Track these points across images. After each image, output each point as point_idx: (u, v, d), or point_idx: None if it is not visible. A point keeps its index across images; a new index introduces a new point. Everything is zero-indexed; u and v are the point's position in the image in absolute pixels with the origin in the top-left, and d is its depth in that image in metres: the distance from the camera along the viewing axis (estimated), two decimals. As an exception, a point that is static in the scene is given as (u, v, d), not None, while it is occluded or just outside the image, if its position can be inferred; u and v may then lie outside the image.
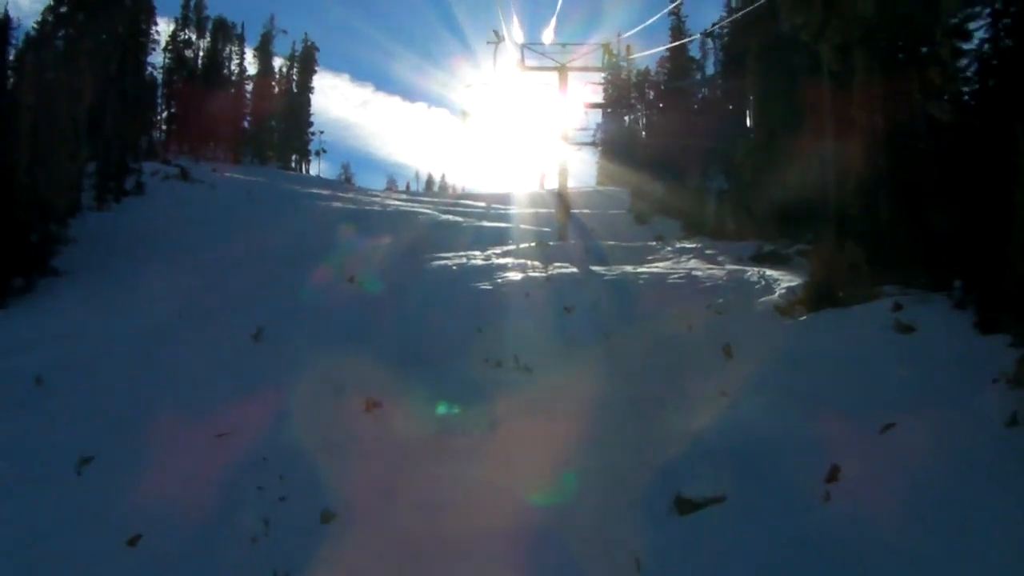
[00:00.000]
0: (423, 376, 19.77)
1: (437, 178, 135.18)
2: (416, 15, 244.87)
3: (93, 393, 21.40)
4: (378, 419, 17.97)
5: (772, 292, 22.22)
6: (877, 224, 20.73)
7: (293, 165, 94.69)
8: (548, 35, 41.63)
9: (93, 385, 22.01)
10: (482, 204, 66.77)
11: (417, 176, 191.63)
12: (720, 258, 32.22)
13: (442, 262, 33.74)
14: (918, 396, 13.30)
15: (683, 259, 32.75)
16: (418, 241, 41.30)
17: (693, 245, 36.47)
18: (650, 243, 38.28)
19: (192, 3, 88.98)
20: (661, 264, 31.41)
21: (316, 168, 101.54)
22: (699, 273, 26.53)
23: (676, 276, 26.27)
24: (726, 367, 17.31)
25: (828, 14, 29.29)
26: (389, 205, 58.44)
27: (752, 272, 25.79)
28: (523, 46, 41.12)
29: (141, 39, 74.63)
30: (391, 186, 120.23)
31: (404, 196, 74.90)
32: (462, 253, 36.19)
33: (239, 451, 16.99)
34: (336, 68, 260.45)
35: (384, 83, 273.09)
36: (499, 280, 28.13)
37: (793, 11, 30.36)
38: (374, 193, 73.73)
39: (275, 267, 34.46)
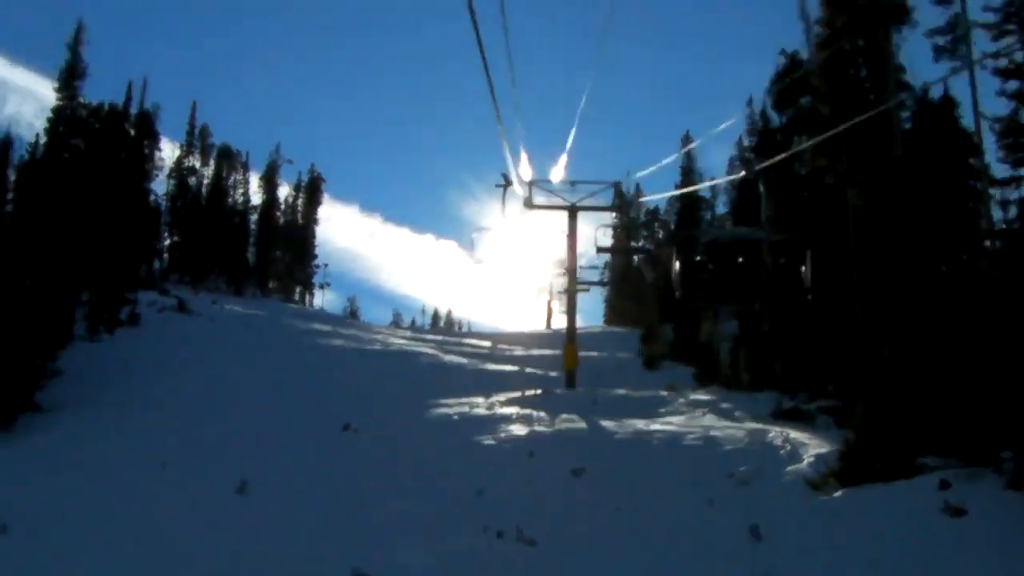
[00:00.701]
0: (417, 546, 17.85)
1: (444, 312, 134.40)
2: (426, 148, 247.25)
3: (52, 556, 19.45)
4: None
5: (799, 459, 20.40)
6: (913, 386, 19.07)
7: (297, 298, 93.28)
8: (557, 174, 40.50)
9: (53, 546, 20.07)
10: (487, 344, 65.45)
11: (423, 311, 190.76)
12: (737, 414, 30.38)
13: (443, 410, 32.09)
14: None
15: (697, 413, 30.91)
16: (419, 384, 39.67)
17: (707, 397, 34.63)
18: (661, 393, 36.44)
19: (197, 130, 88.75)
20: (675, 419, 29.58)
21: (320, 300, 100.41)
22: (717, 433, 24.68)
23: (693, 437, 24.40)
24: (756, 554, 15.36)
25: (856, 158, 28.22)
26: (391, 344, 56.95)
27: (775, 433, 23.98)
28: (531, 183, 40.01)
29: (146, 165, 74.32)
30: (396, 320, 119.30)
31: (408, 334, 73.41)
32: (464, 400, 34.54)
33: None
34: (345, 198, 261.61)
35: (393, 214, 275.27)
36: (502, 435, 26.42)
37: (818, 155, 29.27)
38: (377, 329, 72.29)
39: (268, 412, 32.74)
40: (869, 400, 19.16)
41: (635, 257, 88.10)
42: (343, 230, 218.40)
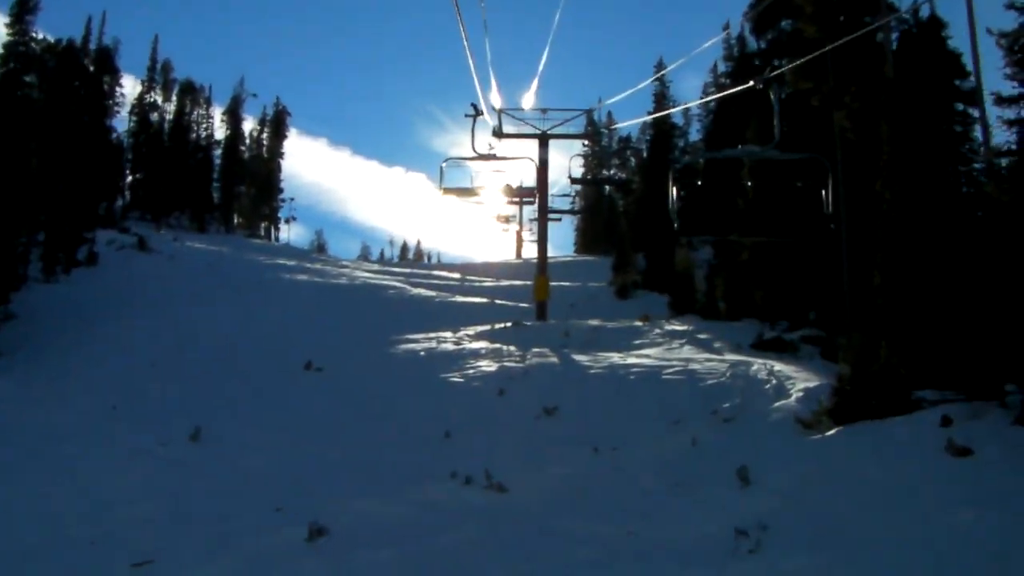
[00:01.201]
0: (381, 495, 16.53)
1: (412, 244, 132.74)
2: (396, 81, 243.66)
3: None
4: (321, 554, 14.58)
5: (787, 394, 19.16)
6: (908, 315, 17.82)
7: (262, 233, 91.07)
8: (528, 103, 39.00)
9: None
10: (456, 276, 64.04)
11: (391, 243, 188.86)
12: (716, 345, 29.17)
13: (409, 346, 30.73)
14: (992, 542, 10.35)
15: (675, 344, 29.68)
16: (385, 319, 38.28)
17: (683, 327, 33.37)
18: (636, 323, 35.21)
19: (159, 65, 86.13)
20: (652, 352, 28.35)
21: (286, 235, 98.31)
22: (697, 367, 23.42)
23: (671, 370, 23.13)
24: (744, 499, 14.08)
25: (843, 80, 26.81)
26: (357, 278, 55.32)
27: (758, 366, 22.76)
28: (501, 112, 38.37)
29: (106, 102, 71.92)
30: (365, 253, 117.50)
31: (375, 267, 71.85)
32: (432, 335, 33.18)
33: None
34: (313, 132, 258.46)
35: (361, 147, 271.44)
36: (471, 371, 25.14)
37: (801, 77, 27.81)
38: (343, 263, 70.66)
39: (227, 351, 31.24)
40: (862, 331, 17.84)
41: (606, 187, 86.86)
42: (311, 164, 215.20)
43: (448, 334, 33.48)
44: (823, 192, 15.84)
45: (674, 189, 16.02)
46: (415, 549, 13.96)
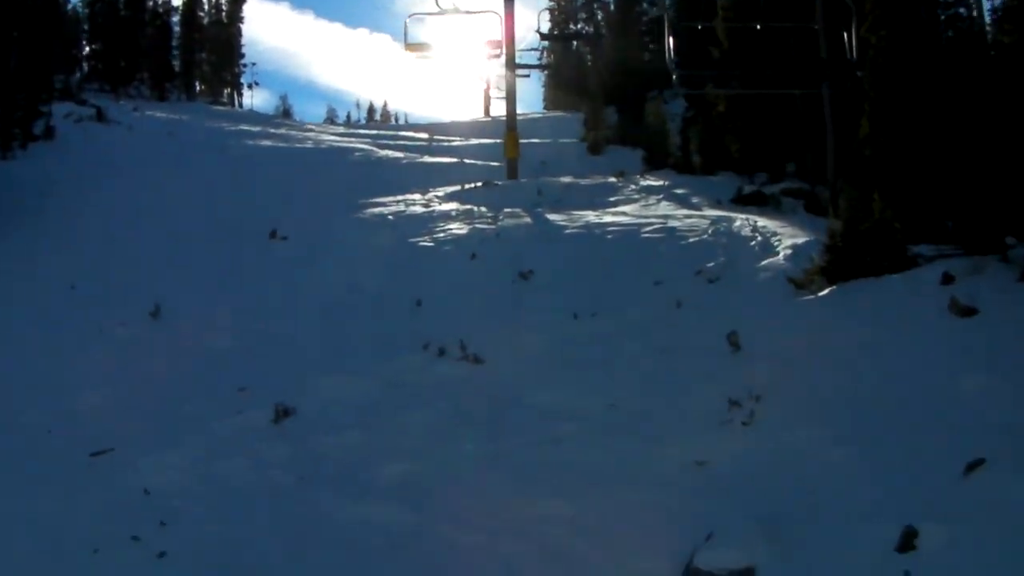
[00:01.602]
0: (350, 371, 15.72)
1: (379, 106, 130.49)
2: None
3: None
4: (287, 436, 13.74)
5: (774, 252, 18.24)
6: (899, 166, 16.87)
7: (225, 100, 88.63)
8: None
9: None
10: (424, 136, 62.53)
11: (358, 105, 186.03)
12: (694, 200, 28.19)
13: (377, 209, 29.66)
14: (1004, 413, 9.61)
15: (652, 201, 28.68)
16: (352, 183, 37.08)
17: (659, 182, 32.31)
18: (610, 179, 34.10)
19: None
20: (628, 209, 27.39)
21: (250, 101, 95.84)
22: (677, 223, 22.41)
23: (651, 229, 22.09)
24: (734, 365, 13.27)
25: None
26: (323, 141, 53.79)
27: (740, 221, 21.81)
28: (465, -43, 36.80)
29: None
30: (331, 116, 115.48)
31: (341, 130, 69.96)
32: (400, 197, 32.07)
33: (116, 483, 12.65)
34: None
35: (324, 10, 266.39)
36: (441, 234, 24.13)
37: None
38: (309, 127, 68.78)
39: (189, 222, 30.11)
40: (852, 183, 16.85)
41: (574, 42, 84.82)
42: (274, 30, 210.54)
43: (417, 196, 32.42)
44: (845, 35, 14.57)
45: (671, 39, 14.37)
46: (386, 428, 13.26)
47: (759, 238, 19.63)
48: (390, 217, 27.92)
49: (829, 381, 11.66)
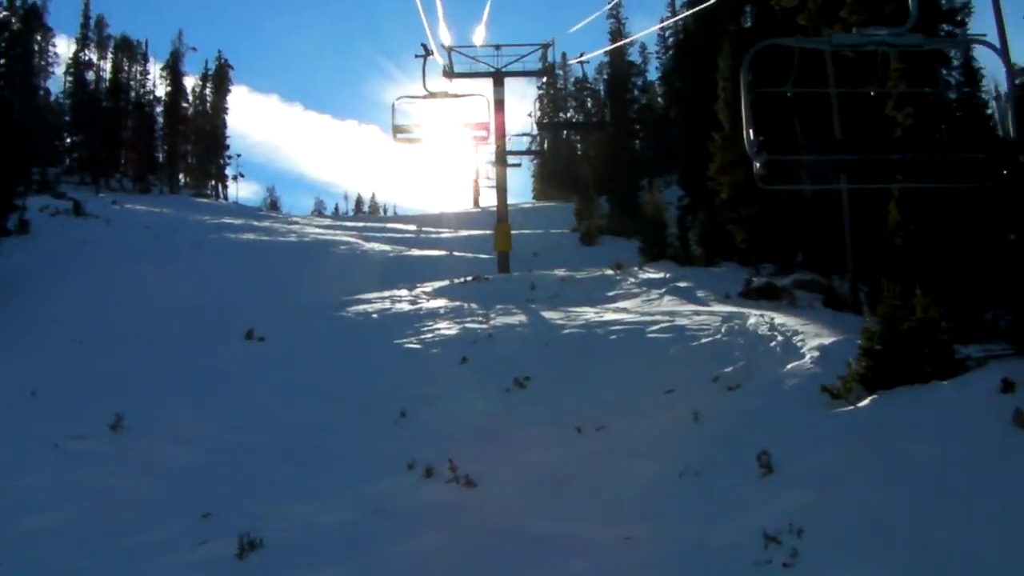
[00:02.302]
0: (328, 496, 13.81)
1: (367, 197, 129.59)
2: (345, 33, 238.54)
3: None
4: (253, 573, 11.81)
5: (798, 354, 16.35)
6: (937, 257, 15.20)
7: (209, 192, 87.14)
8: (480, 37, 36.35)
9: None
10: (412, 228, 61.42)
11: (346, 197, 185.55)
12: (700, 294, 26.46)
13: (361, 307, 28.01)
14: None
15: (654, 296, 26.97)
16: (336, 278, 35.51)
17: (660, 275, 30.62)
18: (607, 272, 32.46)
19: (92, 21, 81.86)
20: (629, 304, 25.67)
21: (235, 193, 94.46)
22: (686, 321, 20.60)
23: (658, 328, 20.26)
24: (767, 491, 11.36)
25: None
26: (308, 235, 52.30)
27: (756, 319, 19.98)
28: (451, 49, 35.56)
29: (35, 61, 68.26)
30: (319, 209, 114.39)
31: (327, 222, 68.66)
32: (386, 293, 30.51)
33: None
34: (264, 88, 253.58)
35: (312, 101, 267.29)
36: (429, 335, 22.37)
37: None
38: (294, 220, 67.50)
39: (161, 322, 28.46)
40: (878, 273, 15.05)
41: (564, 131, 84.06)
42: (263, 122, 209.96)
43: (404, 292, 30.84)
44: (997, 103, 12.72)
45: (748, 112, 8.49)
46: (367, 565, 11.34)
47: (779, 337, 17.79)
48: (374, 316, 26.24)
49: (881, 508, 9.80)
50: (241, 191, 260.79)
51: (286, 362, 21.98)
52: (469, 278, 32.24)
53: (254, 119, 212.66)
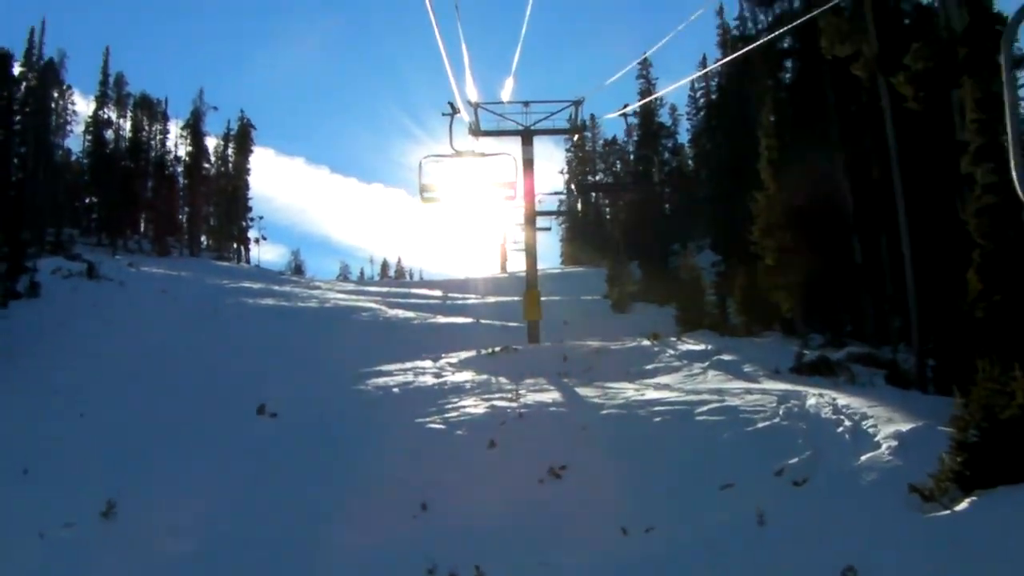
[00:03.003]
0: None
1: (393, 262, 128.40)
2: (372, 96, 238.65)
3: None
4: None
5: (871, 443, 14.26)
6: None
7: (230, 255, 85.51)
8: (508, 94, 34.75)
9: None
10: (438, 293, 59.76)
11: (371, 261, 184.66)
12: (747, 368, 24.44)
13: (382, 380, 26.27)
14: None
15: (697, 370, 24.97)
16: (357, 347, 33.82)
17: (700, 346, 28.60)
18: (643, 343, 30.47)
19: (112, 79, 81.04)
20: (671, 380, 23.73)
21: (257, 256, 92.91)
22: (737, 401, 18.48)
23: (706, 408, 18.03)
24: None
25: (890, 41, 22.33)
26: (329, 300, 50.64)
27: (815, 398, 17.95)
28: (478, 106, 34.05)
29: (58, 119, 67.42)
30: (344, 273, 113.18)
31: (351, 287, 67.04)
32: (409, 365, 28.77)
33: None
34: (290, 151, 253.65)
35: (339, 164, 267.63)
36: (453, 413, 20.46)
37: (838, 38, 23.25)
38: (317, 284, 65.99)
39: (167, 395, 26.93)
40: (981, 355, 13.06)
41: (592, 194, 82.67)
42: (289, 184, 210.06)
43: (428, 363, 29.07)
44: None
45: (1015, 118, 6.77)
46: None
47: (846, 422, 15.75)
48: (395, 390, 24.43)
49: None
50: (266, 254, 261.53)
51: (297, 442, 20.28)
52: (497, 348, 30.43)
53: (280, 182, 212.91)
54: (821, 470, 13.69)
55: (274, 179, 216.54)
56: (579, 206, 79.60)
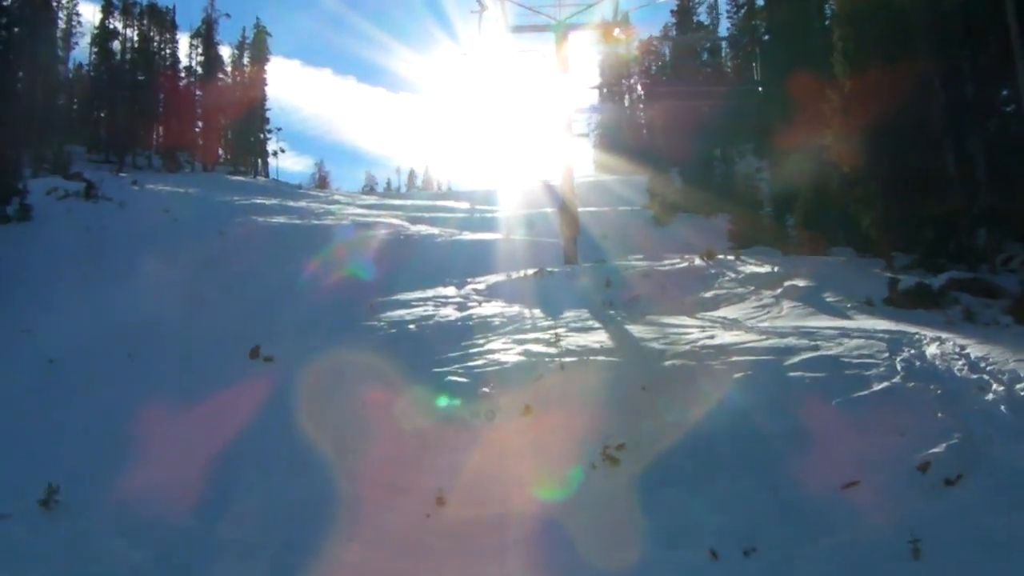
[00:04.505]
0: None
1: (420, 172, 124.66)
2: (400, 3, 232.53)
3: None
4: None
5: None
6: None
7: (245, 169, 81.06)
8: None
9: None
10: (465, 205, 56.34)
11: (398, 171, 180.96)
12: (829, 299, 20.43)
13: (399, 312, 22.57)
14: None
15: (767, 300, 21.00)
16: (372, 270, 30.18)
17: (765, 269, 24.51)
18: (697, 262, 26.52)
19: (117, -13, 76.57)
20: (740, 313, 19.91)
21: (277, 168, 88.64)
22: (834, 348, 14.36)
23: (799, 360, 13.95)
24: None
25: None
26: (346, 216, 46.82)
27: (934, 345, 14.02)
28: (506, -1, 30.21)
29: (67, 27, 63.81)
30: (370, 185, 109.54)
31: (372, 201, 63.12)
32: (430, 293, 25.18)
33: None
34: (317, 63, 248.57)
35: (366, 75, 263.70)
36: (479, 362, 16.60)
37: None
38: (336, 198, 62.30)
39: (150, 336, 23.50)
40: None
41: (626, 99, 78.61)
42: (317, 94, 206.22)
43: (452, 290, 25.49)
44: None
45: None
46: None
47: (994, 385, 11.89)
48: (411, 327, 20.71)
49: None
50: (294, 165, 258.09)
51: (292, 398, 16.66)
52: (530, 271, 26.69)
53: (307, 93, 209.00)
54: (981, 462, 9.93)
55: (301, 91, 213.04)
56: (597, 116, 75.30)
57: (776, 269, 24.19)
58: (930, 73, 23.33)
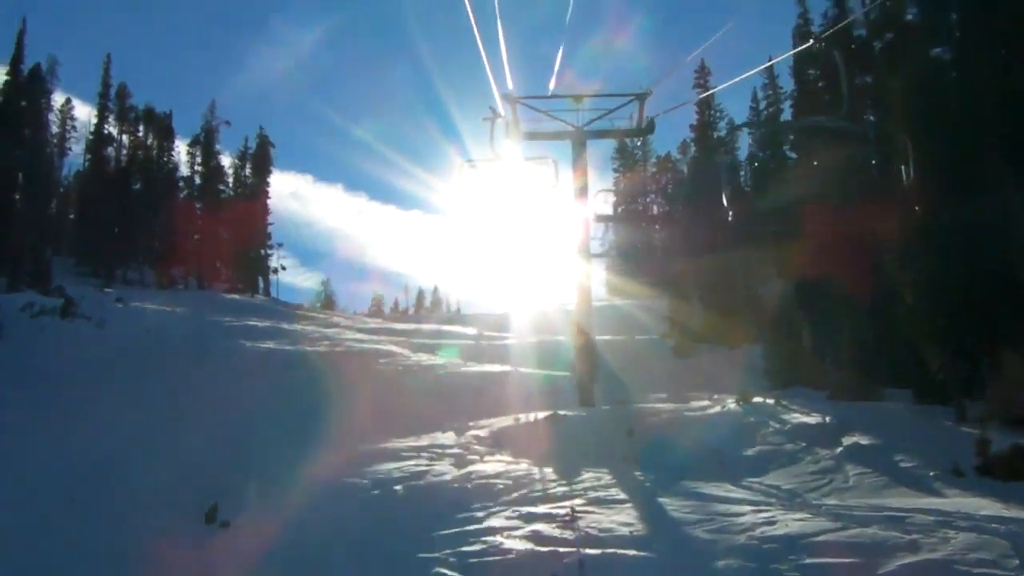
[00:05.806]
0: None
1: (430, 291, 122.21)
2: (411, 121, 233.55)
3: None
4: None
5: None
6: None
7: (243, 286, 77.43)
8: (559, 90, 28.38)
9: None
10: (473, 331, 53.11)
11: (406, 289, 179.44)
12: (904, 463, 16.83)
13: (388, 465, 19.36)
14: None
15: (825, 461, 17.42)
16: (361, 409, 26.93)
17: (815, 419, 20.89)
18: (730, 406, 23.19)
19: (113, 90, 74.38)
20: (794, 482, 16.45)
21: (276, 287, 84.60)
22: (942, 549, 10.57)
23: (896, 566, 10.34)
24: None
25: None
26: (343, 342, 43.44)
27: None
28: (519, 102, 27.54)
29: (61, 131, 61.90)
30: (377, 305, 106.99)
31: (374, 324, 60.03)
32: (426, 441, 21.98)
33: None
34: (328, 178, 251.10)
35: (377, 192, 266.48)
36: (476, 547, 13.02)
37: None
38: (336, 320, 59.36)
39: (98, 484, 20.49)
40: None
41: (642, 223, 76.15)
42: (329, 210, 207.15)
43: (450, 436, 22.27)
44: None
45: None
46: None
47: None
48: (398, 488, 17.35)
49: None
50: (305, 282, 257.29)
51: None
52: (541, 415, 23.31)
53: (318, 208, 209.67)
54: None
55: (313, 205, 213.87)
56: (611, 236, 72.92)
57: (828, 419, 20.61)
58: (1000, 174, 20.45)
